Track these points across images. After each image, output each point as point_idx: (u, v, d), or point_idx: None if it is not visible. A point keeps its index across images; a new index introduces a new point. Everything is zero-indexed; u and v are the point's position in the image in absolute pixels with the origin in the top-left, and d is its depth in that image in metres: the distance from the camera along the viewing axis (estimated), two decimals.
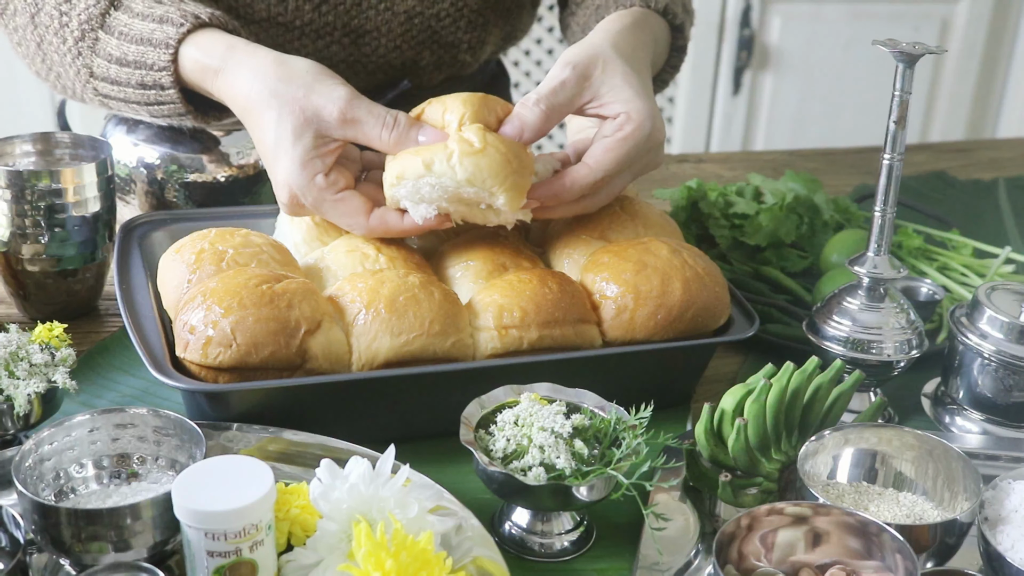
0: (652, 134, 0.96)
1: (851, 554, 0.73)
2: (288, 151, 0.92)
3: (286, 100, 0.92)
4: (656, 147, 0.98)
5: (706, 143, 3.07)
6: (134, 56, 1.01)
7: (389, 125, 0.92)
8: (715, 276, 0.97)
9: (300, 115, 0.92)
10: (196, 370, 0.85)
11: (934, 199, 1.51)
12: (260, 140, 0.95)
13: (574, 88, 0.95)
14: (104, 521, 0.68)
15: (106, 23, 1.02)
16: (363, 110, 0.92)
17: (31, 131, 1.07)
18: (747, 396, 0.83)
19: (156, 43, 1.00)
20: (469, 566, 0.72)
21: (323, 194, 0.93)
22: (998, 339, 0.93)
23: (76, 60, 1.04)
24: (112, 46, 1.02)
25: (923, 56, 0.87)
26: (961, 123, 3.19)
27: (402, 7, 1.21)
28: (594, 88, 0.96)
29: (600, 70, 0.96)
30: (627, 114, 0.95)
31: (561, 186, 0.94)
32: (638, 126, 0.94)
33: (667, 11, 1.14)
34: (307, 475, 0.78)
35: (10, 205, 0.99)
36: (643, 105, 0.95)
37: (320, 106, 0.92)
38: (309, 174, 0.92)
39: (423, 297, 0.89)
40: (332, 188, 0.93)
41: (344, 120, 0.92)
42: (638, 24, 1.08)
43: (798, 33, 2.97)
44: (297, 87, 0.93)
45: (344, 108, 0.92)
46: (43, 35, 1.06)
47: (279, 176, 0.94)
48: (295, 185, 0.93)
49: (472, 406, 0.82)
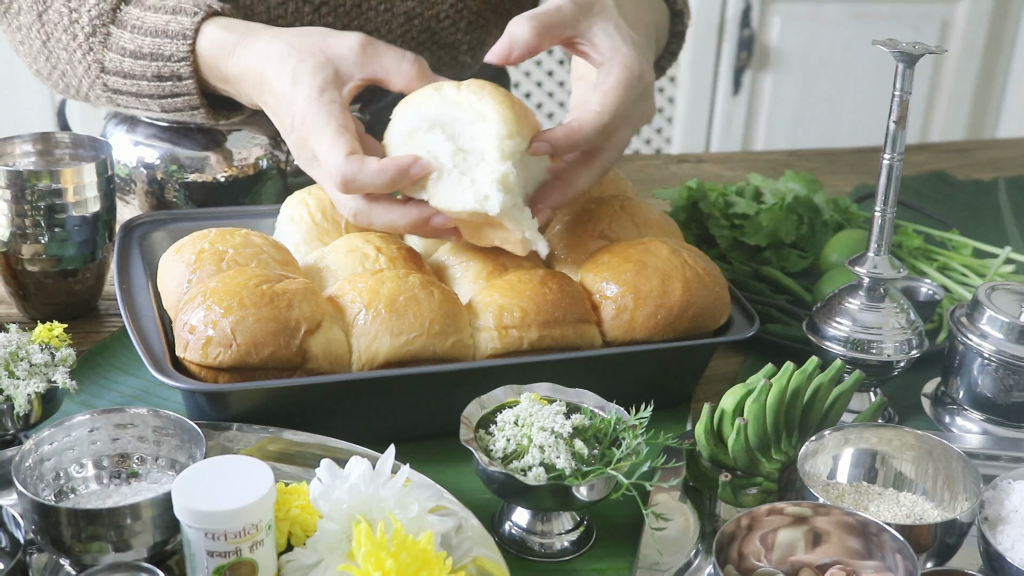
0: (641, 75, 0.94)
1: (851, 554, 0.73)
2: (308, 83, 0.92)
3: (304, 47, 0.94)
4: (647, 92, 0.96)
5: (706, 143, 3.07)
6: (150, 48, 1.02)
7: (410, 59, 0.93)
8: (715, 276, 0.97)
9: (321, 55, 0.93)
10: (196, 370, 0.85)
11: (934, 199, 1.51)
12: (279, 91, 0.94)
13: (570, 16, 0.94)
14: (104, 521, 0.68)
15: (117, 17, 1.03)
16: (382, 45, 0.94)
17: (31, 131, 1.07)
18: (747, 396, 0.83)
19: (172, 34, 1.01)
20: (469, 566, 0.72)
21: (331, 108, 0.91)
22: (998, 339, 0.93)
23: (86, 56, 1.05)
24: (125, 40, 1.03)
25: (923, 56, 0.87)
26: (961, 123, 3.19)
27: (401, 9, 1.21)
28: (587, 24, 0.95)
29: (597, 11, 0.95)
30: (613, 59, 0.94)
31: (571, 129, 0.92)
32: (626, 67, 0.93)
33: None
34: (307, 475, 0.78)
35: (10, 205, 0.99)
36: (629, 51, 0.94)
37: (338, 45, 0.93)
38: (327, 99, 0.91)
39: (423, 297, 0.89)
40: (346, 114, 0.92)
41: (364, 53, 0.93)
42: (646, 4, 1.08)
43: (798, 33, 2.97)
44: (314, 37, 0.95)
45: (363, 42, 0.93)
46: (50, 32, 1.06)
47: (297, 108, 0.92)
48: (310, 113, 0.91)
49: (472, 406, 0.82)
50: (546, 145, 0.90)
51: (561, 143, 0.91)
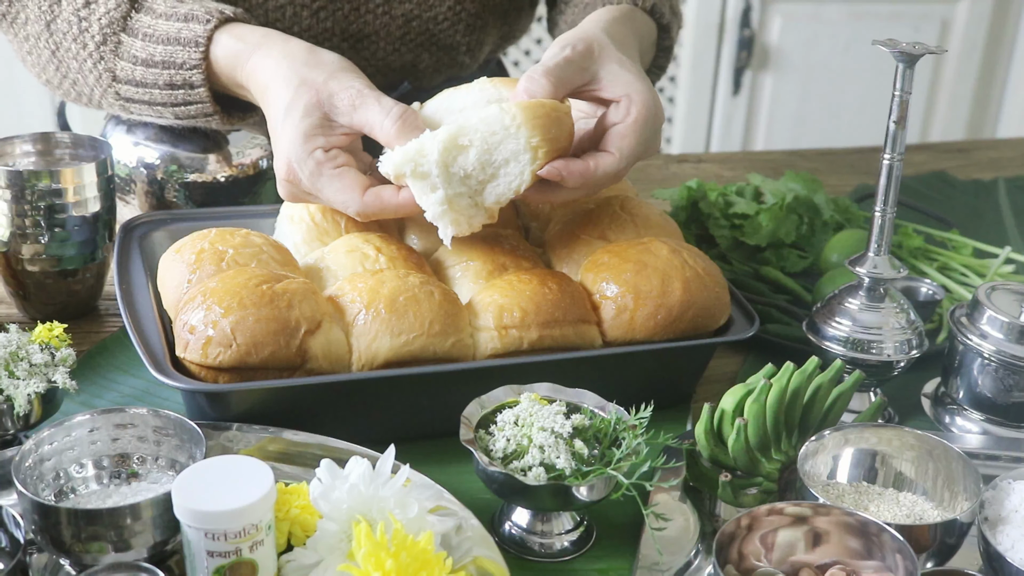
0: (657, 114, 0.95)
1: (851, 554, 0.73)
2: (295, 123, 0.92)
3: (306, 80, 0.93)
4: (659, 129, 0.97)
5: (706, 143, 3.07)
6: (162, 56, 1.01)
7: (394, 116, 0.91)
8: (715, 276, 0.97)
9: (315, 95, 0.93)
10: (196, 370, 0.85)
11: (934, 199, 1.51)
12: (272, 115, 0.95)
13: (579, 64, 0.94)
14: (104, 521, 0.68)
15: (128, 25, 1.02)
16: (373, 97, 0.92)
17: (31, 131, 1.07)
18: (747, 396, 0.83)
19: (185, 42, 1.00)
20: (469, 566, 0.72)
21: (320, 167, 0.92)
22: (998, 339, 0.93)
23: (97, 65, 1.03)
24: (137, 48, 1.02)
25: (923, 56, 0.87)
26: (961, 123, 3.19)
27: (400, 11, 1.21)
28: (596, 67, 0.95)
29: (598, 50, 0.95)
30: (629, 96, 0.94)
31: (586, 168, 0.92)
32: (645, 107, 0.94)
33: (654, 10, 1.15)
34: (307, 475, 0.78)
35: (10, 205, 0.99)
36: (644, 87, 0.95)
37: (335, 91, 0.93)
38: (310, 147, 0.92)
39: (423, 297, 0.89)
40: (330, 162, 0.92)
41: (353, 105, 0.92)
42: (626, 17, 1.08)
43: (798, 33, 2.97)
44: (320, 72, 0.94)
45: (357, 92, 0.92)
46: (59, 42, 1.05)
47: (281, 146, 0.94)
48: (294, 156, 0.92)
49: (472, 406, 0.82)
50: (557, 174, 0.90)
51: (573, 179, 0.91)
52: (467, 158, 0.88)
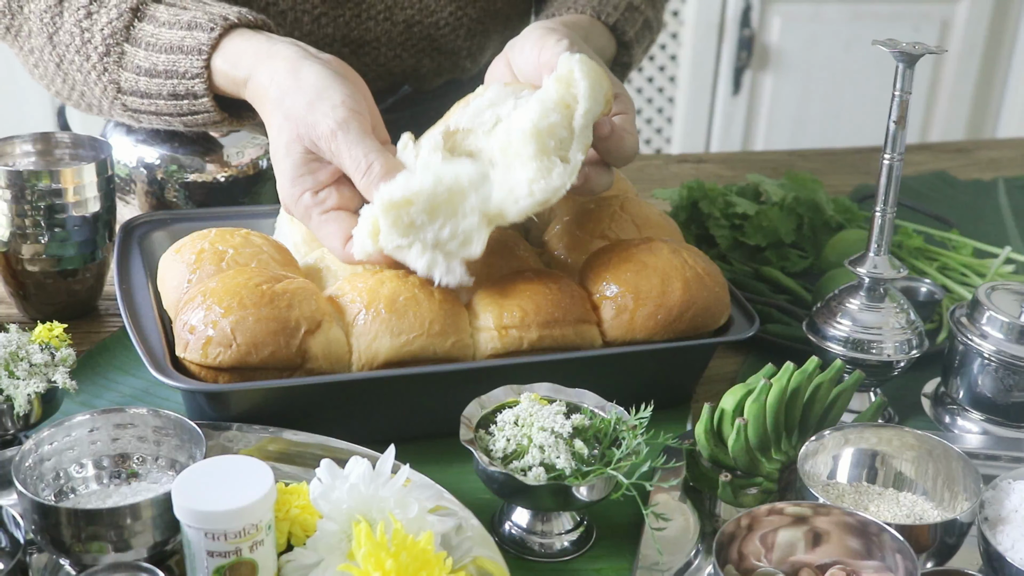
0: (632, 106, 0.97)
1: (851, 554, 0.73)
2: (280, 162, 0.91)
3: (288, 111, 0.90)
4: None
5: (706, 143, 3.07)
6: (164, 65, 0.98)
7: (363, 169, 0.87)
8: (715, 276, 0.97)
9: (294, 130, 0.90)
10: (196, 370, 0.85)
11: (934, 199, 1.51)
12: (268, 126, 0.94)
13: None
14: (104, 521, 0.68)
15: (131, 35, 0.99)
16: (353, 136, 0.88)
17: (31, 131, 1.07)
18: (747, 396, 0.83)
19: (187, 50, 0.97)
20: (469, 566, 0.72)
21: (309, 212, 0.91)
22: (998, 339, 0.93)
23: (102, 77, 1.01)
24: (140, 58, 0.99)
25: (923, 56, 0.87)
26: (961, 123, 3.19)
27: (401, 17, 1.21)
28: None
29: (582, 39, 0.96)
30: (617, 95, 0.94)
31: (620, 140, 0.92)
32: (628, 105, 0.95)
33: (616, 27, 1.15)
34: (307, 475, 0.78)
35: (10, 205, 0.99)
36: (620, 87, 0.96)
37: (312, 123, 0.89)
38: (297, 191, 0.91)
39: (423, 297, 0.89)
40: (318, 207, 0.90)
41: (329, 150, 0.89)
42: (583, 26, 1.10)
43: (798, 33, 2.97)
44: (299, 99, 0.90)
45: (329, 136, 0.88)
46: (63, 55, 1.03)
47: (277, 181, 0.93)
48: (284, 198, 0.92)
49: (472, 406, 0.82)
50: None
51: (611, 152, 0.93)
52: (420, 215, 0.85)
